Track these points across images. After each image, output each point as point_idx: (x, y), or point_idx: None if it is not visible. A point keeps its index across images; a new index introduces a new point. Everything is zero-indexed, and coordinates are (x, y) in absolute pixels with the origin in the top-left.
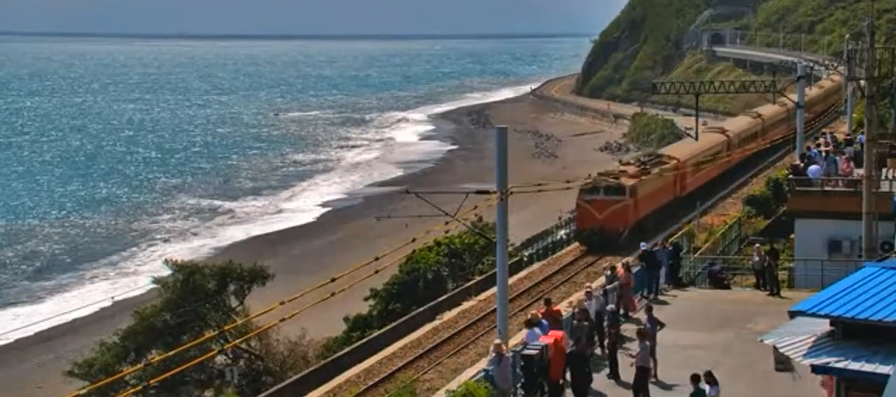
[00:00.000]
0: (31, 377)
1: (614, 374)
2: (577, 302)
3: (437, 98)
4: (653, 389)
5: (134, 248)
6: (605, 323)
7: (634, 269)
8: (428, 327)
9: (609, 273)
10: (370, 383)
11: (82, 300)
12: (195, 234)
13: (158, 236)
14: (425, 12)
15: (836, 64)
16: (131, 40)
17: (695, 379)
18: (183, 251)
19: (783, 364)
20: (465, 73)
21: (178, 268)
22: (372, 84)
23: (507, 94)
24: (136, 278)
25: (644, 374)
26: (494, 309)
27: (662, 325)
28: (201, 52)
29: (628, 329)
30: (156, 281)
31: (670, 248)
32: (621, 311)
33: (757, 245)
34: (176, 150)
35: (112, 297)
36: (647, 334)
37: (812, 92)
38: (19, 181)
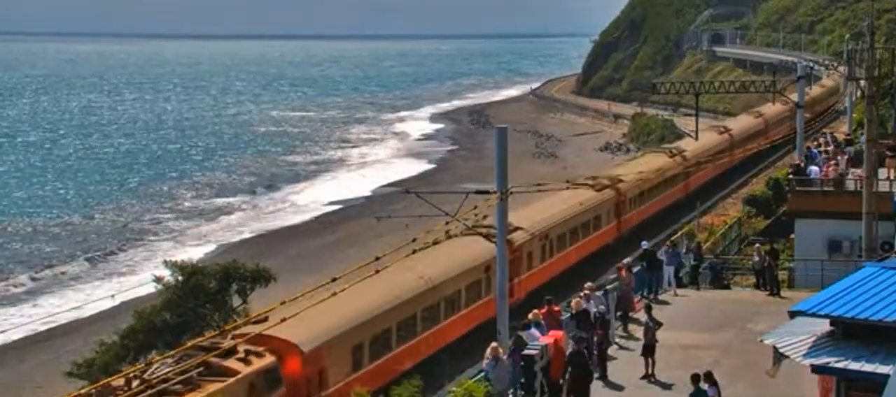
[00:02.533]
0: (31, 377)
1: (603, 375)
2: (576, 304)
3: (443, 98)
4: (653, 389)
5: (135, 247)
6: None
7: (635, 269)
8: None
9: (665, 249)
10: None
11: (82, 300)
12: (195, 233)
13: (160, 235)
14: (429, 13)
15: (836, 64)
16: (134, 40)
17: (695, 378)
18: (184, 250)
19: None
20: (477, 72)
21: (179, 268)
22: (380, 83)
23: (507, 93)
24: (136, 277)
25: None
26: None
27: (660, 325)
28: (207, 52)
29: (632, 329)
30: (156, 280)
31: (693, 249)
32: (620, 312)
33: (757, 245)
34: (178, 149)
35: (113, 296)
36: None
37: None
38: (20, 180)
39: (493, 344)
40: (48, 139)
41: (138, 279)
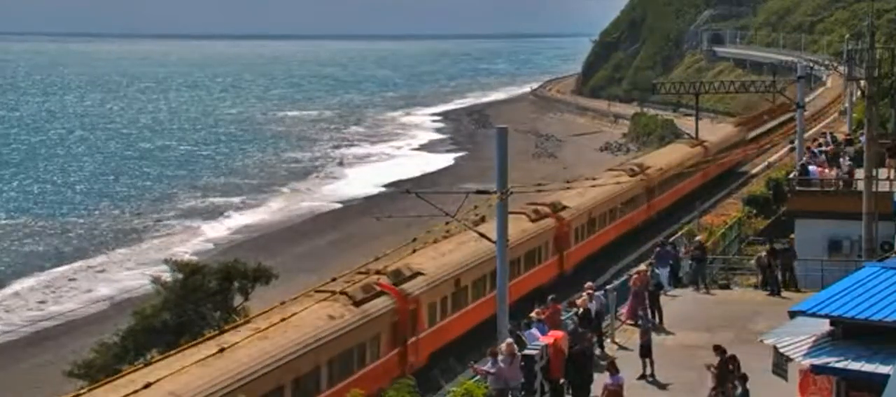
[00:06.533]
0: (29, 377)
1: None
2: (581, 302)
3: (446, 97)
4: (649, 389)
5: (135, 246)
6: (604, 323)
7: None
8: None
9: (658, 249)
10: None
11: (82, 299)
12: (195, 232)
13: (160, 234)
14: (432, 13)
15: (835, 64)
16: (137, 40)
17: (742, 379)
18: (184, 250)
19: (780, 367)
20: (483, 72)
21: (179, 267)
22: (381, 83)
23: (508, 93)
24: (136, 277)
25: None
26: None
27: (658, 325)
28: (215, 52)
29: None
30: (155, 280)
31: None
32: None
33: (769, 247)
34: (181, 149)
35: (112, 298)
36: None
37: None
38: (21, 178)
39: (509, 340)
40: (45, 137)
41: (138, 279)
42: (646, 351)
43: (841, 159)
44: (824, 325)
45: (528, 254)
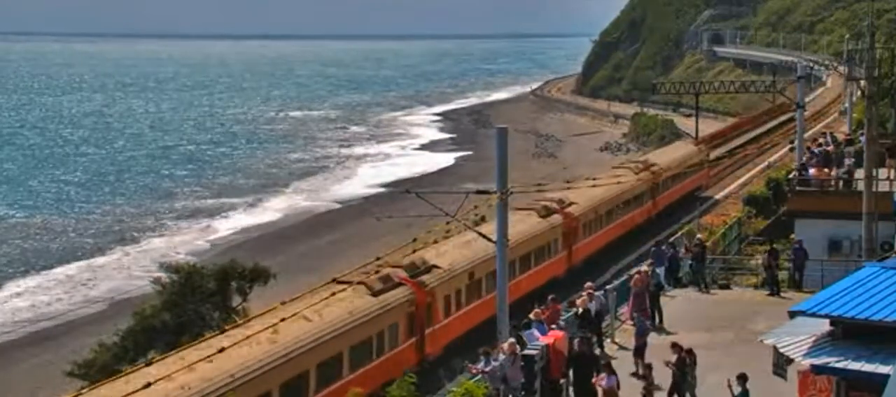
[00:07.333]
0: (29, 377)
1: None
2: (581, 302)
3: (447, 98)
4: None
5: (137, 246)
6: (604, 323)
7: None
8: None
9: (654, 248)
10: None
11: (82, 299)
12: (198, 232)
13: (163, 233)
14: (434, 12)
15: (835, 64)
16: (141, 40)
17: (742, 378)
18: (186, 250)
19: (780, 368)
20: (498, 71)
21: (175, 269)
22: (382, 83)
23: (508, 92)
24: (137, 277)
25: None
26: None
27: (657, 324)
28: (216, 52)
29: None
30: (154, 281)
31: (692, 248)
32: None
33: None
34: (184, 148)
35: (112, 298)
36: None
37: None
38: (24, 177)
39: (511, 339)
40: (48, 136)
41: (138, 279)
42: (639, 352)
43: (844, 160)
44: (824, 325)
45: (365, 344)
